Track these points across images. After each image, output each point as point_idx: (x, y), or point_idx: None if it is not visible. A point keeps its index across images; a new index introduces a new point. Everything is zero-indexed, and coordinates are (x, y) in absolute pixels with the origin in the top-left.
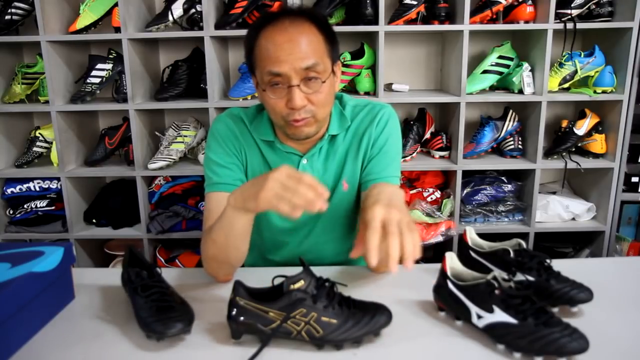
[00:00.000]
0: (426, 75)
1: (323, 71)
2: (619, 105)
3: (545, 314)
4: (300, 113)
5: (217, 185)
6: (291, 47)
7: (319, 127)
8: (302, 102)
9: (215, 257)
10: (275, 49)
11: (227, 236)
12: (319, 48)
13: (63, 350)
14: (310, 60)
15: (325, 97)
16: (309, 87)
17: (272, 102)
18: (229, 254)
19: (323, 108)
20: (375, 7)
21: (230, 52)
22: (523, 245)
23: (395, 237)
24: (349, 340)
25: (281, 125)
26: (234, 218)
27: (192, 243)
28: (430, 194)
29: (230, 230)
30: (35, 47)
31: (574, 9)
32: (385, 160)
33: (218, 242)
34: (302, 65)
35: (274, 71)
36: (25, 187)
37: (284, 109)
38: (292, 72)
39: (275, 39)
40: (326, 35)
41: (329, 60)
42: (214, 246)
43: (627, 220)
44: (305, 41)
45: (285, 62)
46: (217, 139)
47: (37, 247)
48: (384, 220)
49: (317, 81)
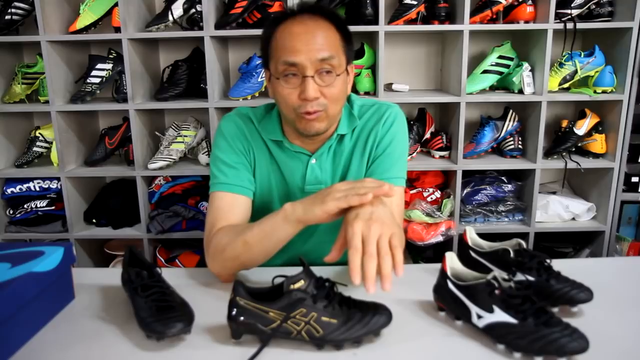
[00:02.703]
0: (426, 75)
1: (338, 65)
2: (619, 105)
3: (545, 314)
4: (312, 105)
5: (224, 185)
6: (308, 38)
7: (329, 124)
8: (315, 94)
9: (239, 257)
10: (292, 39)
11: (265, 240)
12: (336, 43)
13: (63, 350)
14: (326, 52)
15: (339, 93)
16: (322, 80)
17: (285, 93)
18: (256, 257)
19: (335, 104)
20: (375, 7)
21: (230, 52)
22: (523, 245)
23: (373, 258)
24: (349, 340)
25: (292, 119)
26: (282, 227)
27: (192, 243)
28: (430, 194)
29: (272, 237)
30: (35, 47)
31: (574, 9)
32: (389, 161)
33: (251, 243)
34: (318, 57)
35: (289, 61)
36: (25, 187)
37: (296, 100)
38: (307, 63)
39: (293, 30)
40: (343, 34)
41: (344, 57)
42: (244, 247)
43: (627, 220)
44: (322, 34)
45: (301, 52)
46: (226, 137)
47: (37, 247)
48: (363, 237)
49: (331, 75)
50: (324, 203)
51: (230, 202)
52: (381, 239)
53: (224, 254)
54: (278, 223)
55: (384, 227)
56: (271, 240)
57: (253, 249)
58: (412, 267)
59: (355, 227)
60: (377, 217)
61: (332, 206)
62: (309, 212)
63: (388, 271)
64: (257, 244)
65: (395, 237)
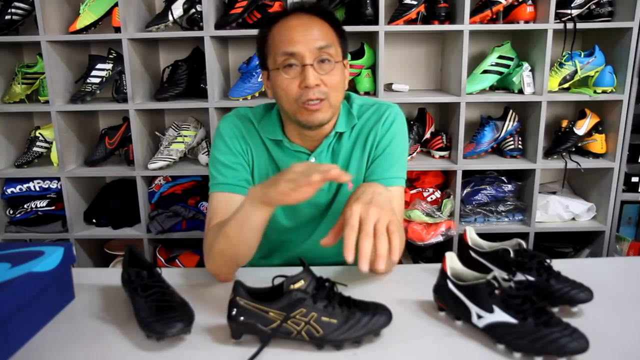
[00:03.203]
0: (426, 75)
1: (335, 54)
2: (619, 105)
3: (545, 314)
4: (314, 92)
5: (222, 185)
6: (305, 29)
7: (332, 114)
8: (316, 80)
9: (224, 252)
10: (289, 32)
11: (241, 230)
12: (331, 35)
13: (63, 350)
14: (324, 42)
15: (338, 82)
16: (322, 68)
17: (285, 84)
18: (239, 249)
19: (336, 92)
20: (375, 7)
21: (230, 52)
22: (523, 245)
23: (369, 237)
24: (349, 340)
25: (293, 112)
26: (251, 212)
27: (192, 243)
28: (430, 194)
29: (245, 224)
30: (35, 47)
31: (574, 9)
32: (389, 161)
33: (231, 235)
34: (316, 45)
35: (288, 51)
36: (25, 187)
37: (297, 90)
38: (306, 51)
39: (290, 24)
40: (337, 30)
41: (340, 50)
42: (225, 240)
43: (627, 220)
44: (318, 26)
45: (299, 42)
46: (224, 138)
47: (37, 247)
48: (361, 218)
49: (330, 63)
50: (277, 184)
51: (227, 202)
52: (379, 222)
53: (212, 250)
54: (247, 209)
55: (382, 212)
56: (247, 228)
57: (233, 241)
58: (412, 267)
59: (354, 208)
60: (377, 202)
61: (284, 187)
62: (266, 193)
63: (383, 251)
64: (235, 235)
65: (393, 224)
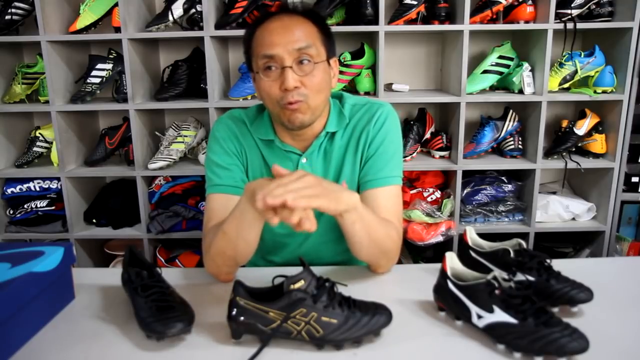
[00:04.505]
0: (426, 75)
1: (316, 55)
2: (619, 105)
3: (545, 314)
4: (293, 95)
5: (218, 186)
6: (284, 31)
7: (313, 116)
8: (295, 83)
9: (223, 251)
10: (269, 34)
11: (239, 227)
12: (312, 34)
13: (63, 350)
14: (303, 42)
15: (319, 83)
16: (301, 70)
17: (266, 86)
18: (237, 247)
19: (317, 94)
20: (375, 7)
21: (231, 52)
22: (523, 245)
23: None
24: (349, 340)
25: (277, 113)
26: (246, 209)
27: (192, 243)
28: (431, 194)
29: (242, 221)
30: (35, 47)
31: (574, 9)
32: (382, 161)
33: (229, 233)
34: (295, 47)
35: (267, 53)
36: (25, 187)
37: (278, 92)
38: (285, 54)
39: (270, 26)
40: (320, 28)
41: (324, 49)
42: (224, 238)
43: (627, 220)
44: (298, 27)
45: (278, 45)
46: (218, 140)
47: (37, 247)
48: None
49: (309, 64)
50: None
51: (223, 203)
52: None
53: (211, 250)
54: (243, 204)
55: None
56: (244, 224)
57: (232, 238)
58: (412, 267)
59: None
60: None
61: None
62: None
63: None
64: (234, 232)
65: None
